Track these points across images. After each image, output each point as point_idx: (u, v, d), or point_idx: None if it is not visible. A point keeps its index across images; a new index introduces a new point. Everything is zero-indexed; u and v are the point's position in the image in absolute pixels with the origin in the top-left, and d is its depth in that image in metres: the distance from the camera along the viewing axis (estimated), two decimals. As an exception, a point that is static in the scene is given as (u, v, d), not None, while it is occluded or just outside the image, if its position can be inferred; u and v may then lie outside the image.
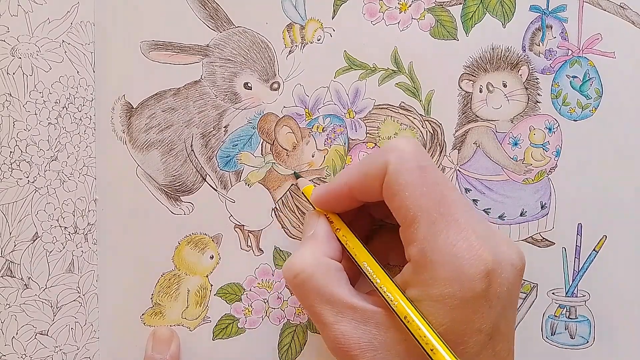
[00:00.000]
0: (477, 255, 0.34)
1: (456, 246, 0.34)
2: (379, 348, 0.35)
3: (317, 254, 0.37)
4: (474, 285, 0.33)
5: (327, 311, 0.36)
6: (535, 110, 0.46)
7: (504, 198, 0.46)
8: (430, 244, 0.34)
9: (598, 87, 0.46)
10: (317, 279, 0.36)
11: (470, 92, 0.45)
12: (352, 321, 0.35)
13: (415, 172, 0.35)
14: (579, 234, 0.46)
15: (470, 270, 0.33)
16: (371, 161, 0.37)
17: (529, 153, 0.46)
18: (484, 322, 0.34)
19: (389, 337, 0.35)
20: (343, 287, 0.36)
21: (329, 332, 0.36)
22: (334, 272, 0.37)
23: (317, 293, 0.36)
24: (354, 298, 0.36)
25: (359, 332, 0.35)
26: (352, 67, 0.45)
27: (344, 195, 0.39)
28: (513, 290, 0.35)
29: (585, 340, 0.46)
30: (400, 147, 0.36)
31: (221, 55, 0.45)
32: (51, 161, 0.43)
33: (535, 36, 0.45)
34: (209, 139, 0.45)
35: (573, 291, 0.46)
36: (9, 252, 0.43)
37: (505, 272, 0.34)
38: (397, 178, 0.35)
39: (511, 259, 0.35)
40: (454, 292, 0.33)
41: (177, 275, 0.45)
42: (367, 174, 0.37)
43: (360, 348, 0.35)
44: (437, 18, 0.45)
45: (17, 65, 0.43)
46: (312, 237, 0.39)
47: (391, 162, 0.35)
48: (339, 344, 0.35)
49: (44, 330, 0.44)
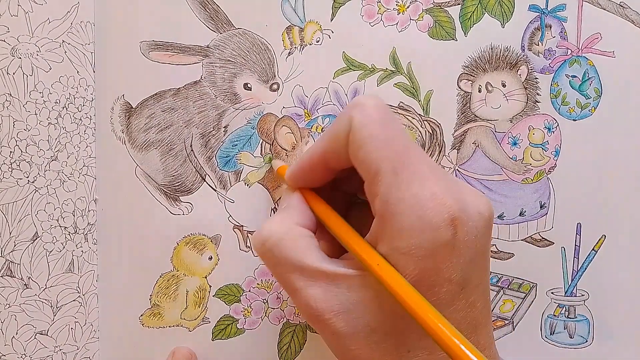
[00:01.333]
0: (441, 203, 0.33)
1: (419, 195, 0.33)
2: (352, 310, 0.34)
3: (286, 222, 0.37)
4: (440, 233, 0.32)
5: (296, 277, 0.35)
6: (534, 110, 0.46)
7: (503, 198, 0.46)
8: (394, 195, 0.33)
9: (597, 86, 0.46)
10: (285, 246, 0.36)
11: (469, 92, 0.45)
12: (323, 285, 0.34)
13: (377, 124, 0.35)
14: (578, 233, 0.46)
15: (435, 218, 0.32)
16: (337, 122, 0.37)
17: (528, 153, 0.46)
18: (453, 270, 0.33)
19: (363, 297, 0.34)
20: (313, 252, 0.36)
21: (299, 298, 0.35)
22: (303, 239, 0.36)
23: (285, 259, 0.35)
24: (324, 263, 0.35)
25: (330, 296, 0.34)
26: (350, 68, 0.45)
27: (315, 165, 0.38)
28: (482, 239, 0.34)
29: (584, 339, 0.46)
30: (363, 102, 0.36)
31: (221, 56, 0.45)
32: (51, 161, 0.43)
33: (535, 36, 0.45)
34: (208, 139, 0.45)
35: (572, 291, 0.46)
36: (9, 252, 0.43)
37: (472, 220, 0.34)
38: (359, 131, 0.35)
39: (478, 207, 0.34)
40: (420, 242, 0.32)
41: (175, 276, 0.45)
42: (333, 134, 0.36)
43: (333, 311, 0.34)
44: (435, 19, 0.45)
45: (17, 65, 0.43)
46: (285, 208, 0.39)
47: (354, 117, 0.35)
48: (310, 309, 0.35)
49: (44, 330, 0.44)
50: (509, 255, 0.46)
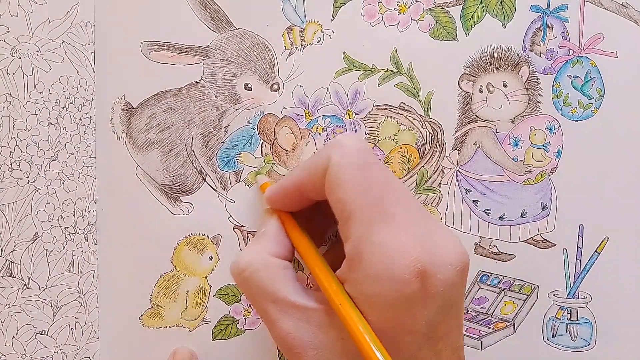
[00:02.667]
0: (409, 255, 0.33)
1: (389, 245, 0.33)
2: (319, 347, 0.35)
3: (263, 252, 0.37)
4: (405, 285, 0.33)
5: (271, 308, 0.36)
6: (536, 111, 0.45)
7: (504, 199, 0.45)
8: (364, 242, 0.34)
9: (600, 87, 0.45)
10: (261, 277, 0.36)
11: (471, 92, 0.45)
12: (294, 319, 0.35)
13: (355, 168, 0.35)
14: (581, 235, 0.45)
15: (401, 270, 0.33)
16: (316, 157, 0.37)
17: (530, 154, 0.45)
18: (417, 322, 0.33)
19: (329, 336, 0.35)
20: (287, 285, 0.36)
21: (274, 330, 0.36)
22: (279, 270, 0.37)
23: (261, 290, 0.36)
24: (297, 296, 0.36)
25: (301, 331, 0.35)
26: (351, 68, 0.45)
27: (293, 192, 0.39)
28: (452, 291, 0.34)
29: (587, 342, 0.46)
30: (343, 142, 0.36)
31: (222, 56, 0.45)
32: (51, 161, 0.43)
33: (536, 36, 0.45)
34: (209, 139, 0.45)
35: (574, 293, 0.46)
36: (9, 252, 0.43)
37: (442, 273, 0.33)
38: (337, 173, 0.35)
39: (449, 259, 0.34)
40: (385, 291, 0.33)
41: (176, 276, 0.45)
42: (311, 169, 0.37)
43: (303, 346, 0.35)
44: (436, 19, 0.45)
45: (17, 65, 0.43)
46: (262, 235, 0.39)
47: (333, 157, 0.35)
48: (283, 341, 0.35)
49: (44, 330, 0.44)
50: (510, 257, 0.46)
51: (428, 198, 0.45)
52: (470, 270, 0.45)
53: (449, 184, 0.46)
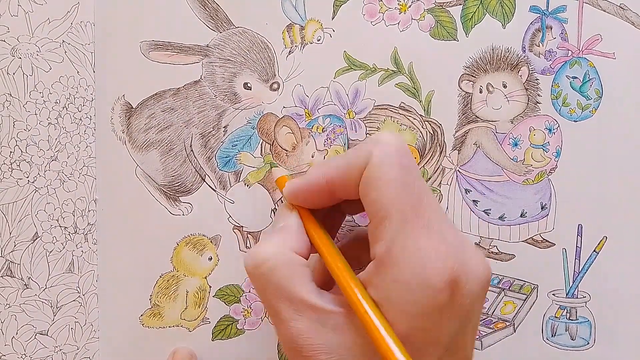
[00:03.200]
0: (444, 263, 0.32)
1: (424, 251, 0.32)
2: (333, 351, 0.33)
3: (283, 247, 0.36)
4: (437, 294, 0.31)
5: (285, 307, 0.34)
6: (535, 111, 0.46)
7: (504, 199, 0.46)
8: (397, 245, 0.32)
9: (598, 87, 0.45)
10: (279, 273, 0.34)
11: (470, 92, 0.45)
12: (309, 321, 0.33)
13: (397, 168, 0.34)
14: (580, 235, 0.46)
15: (435, 277, 0.32)
16: (355, 152, 0.35)
17: (529, 154, 0.46)
18: (442, 333, 0.32)
19: (346, 340, 0.33)
20: (305, 284, 0.34)
21: (284, 330, 0.34)
22: (298, 268, 0.35)
23: (277, 287, 0.34)
24: (314, 297, 0.34)
25: (314, 333, 0.33)
26: (351, 68, 0.45)
27: (320, 190, 0.37)
28: (477, 303, 0.34)
29: (586, 341, 0.46)
30: (386, 141, 0.35)
31: (221, 55, 0.45)
32: (51, 161, 0.43)
33: (535, 37, 0.45)
34: (208, 139, 0.45)
35: (573, 292, 0.46)
36: (9, 252, 0.43)
37: (470, 284, 0.33)
38: (377, 171, 0.34)
39: (478, 271, 0.33)
40: (416, 298, 0.32)
41: (175, 277, 0.45)
42: (348, 165, 0.35)
43: (314, 349, 0.33)
44: (436, 19, 0.45)
45: (17, 65, 0.43)
46: (281, 230, 0.38)
47: (374, 154, 0.34)
48: (292, 342, 0.34)
49: (44, 330, 0.44)
50: (510, 257, 0.46)
51: (428, 198, 0.45)
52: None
53: (449, 184, 0.46)
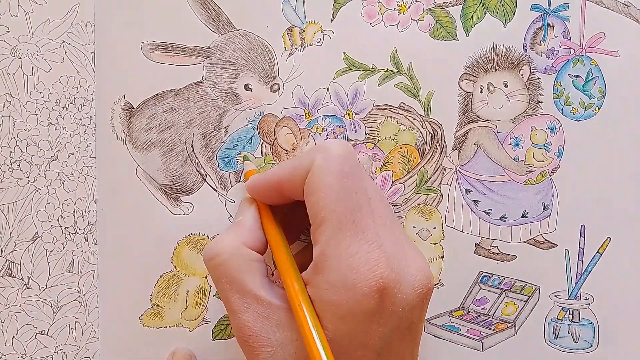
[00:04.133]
0: (373, 270, 0.33)
1: (355, 257, 0.34)
2: (274, 345, 0.35)
3: (236, 242, 0.38)
4: (363, 300, 0.33)
5: (235, 298, 0.36)
6: (537, 111, 0.45)
7: (505, 199, 0.45)
8: (331, 249, 0.34)
9: (601, 86, 0.45)
10: (230, 266, 0.36)
11: (471, 92, 0.45)
12: (256, 313, 0.36)
13: (336, 175, 0.35)
14: (582, 235, 0.45)
15: (362, 283, 0.33)
16: (301, 158, 0.37)
17: (531, 154, 0.45)
18: (371, 337, 0.33)
19: (286, 336, 0.35)
20: (255, 278, 0.36)
21: (234, 320, 0.36)
22: (249, 262, 0.37)
23: (228, 279, 0.36)
24: (262, 291, 0.36)
25: (259, 325, 0.35)
26: (351, 68, 0.45)
27: (273, 188, 0.39)
28: (412, 313, 0.35)
29: (589, 344, 0.45)
30: (329, 148, 0.36)
31: (222, 57, 0.45)
32: (51, 161, 0.44)
33: (537, 35, 0.45)
34: (209, 140, 0.45)
35: (576, 294, 0.45)
36: (9, 252, 0.43)
37: (404, 293, 0.34)
38: (316, 177, 0.35)
39: (412, 281, 0.35)
40: (342, 302, 0.33)
41: (176, 276, 0.45)
42: (294, 169, 0.37)
43: (259, 342, 0.35)
44: (436, 19, 0.45)
45: (17, 65, 0.43)
46: (238, 224, 0.40)
47: (316, 161, 0.36)
48: (241, 332, 0.36)
49: (44, 330, 0.44)
50: (511, 257, 0.45)
51: (428, 198, 0.45)
52: (471, 271, 0.45)
53: (449, 184, 0.45)
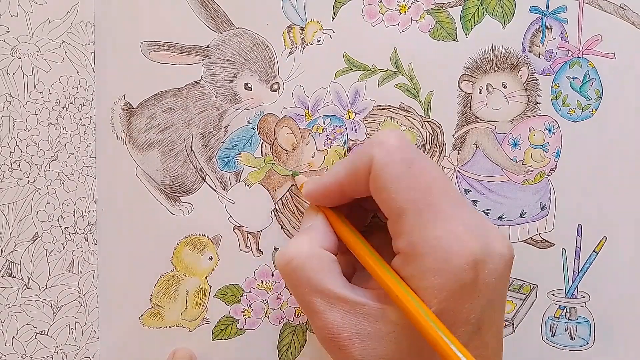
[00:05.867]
0: (464, 246, 0.33)
1: (443, 237, 0.34)
2: (367, 338, 0.35)
3: (311, 244, 0.37)
4: (462, 275, 0.33)
5: (317, 300, 0.36)
6: (535, 111, 0.46)
7: (503, 199, 0.46)
8: (418, 236, 0.34)
9: (598, 88, 0.46)
10: (309, 268, 0.36)
11: (470, 93, 0.45)
12: (342, 311, 0.35)
13: (400, 164, 0.35)
14: (579, 235, 0.46)
15: (458, 260, 0.33)
16: (357, 157, 0.37)
17: (529, 154, 0.46)
18: (472, 312, 0.34)
19: (378, 328, 0.35)
20: (335, 277, 0.36)
21: (318, 322, 0.36)
22: (327, 263, 0.37)
23: (308, 282, 0.36)
24: (344, 289, 0.36)
25: (348, 322, 0.35)
26: (351, 68, 0.45)
27: (334, 191, 0.39)
28: (501, 281, 0.35)
29: (585, 341, 0.46)
30: (384, 140, 0.36)
31: (222, 56, 0.45)
32: (51, 161, 0.43)
33: (535, 37, 0.45)
34: (208, 139, 0.45)
35: (573, 292, 0.46)
36: (9, 252, 0.43)
37: (493, 263, 0.34)
38: (382, 172, 0.35)
39: (500, 250, 0.35)
40: (443, 283, 0.33)
41: (176, 276, 0.45)
42: (353, 169, 0.37)
43: (350, 338, 0.35)
44: (436, 19, 0.45)
45: (17, 65, 0.43)
46: (309, 229, 0.39)
47: (375, 156, 0.35)
48: (328, 333, 0.35)
49: (44, 330, 0.44)
50: (510, 257, 0.46)
51: (428, 198, 0.45)
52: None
53: (448, 184, 0.46)
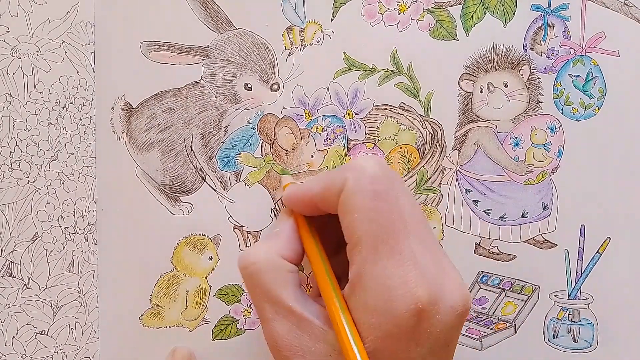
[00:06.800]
0: (410, 292, 0.33)
1: (391, 278, 0.33)
2: (308, 355, 0.35)
3: (271, 252, 0.38)
4: (401, 321, 0.33)
5: (267, 308, 0.36)
6: (536, 110, 0.45)
7: (505, 199, 0.45)
8: (367, 270, 0.34)
9: (602, 86, 0.45)
10: (265, 276, 0.36)
11: (471, 92, 0.45)
12: (289, 324, 0.35)
13: (368, 195, 0.35)
14: (582, 235, 0.45)
15: (400, 305, 0.33)
16: (333, 175, 0.37)
17: (531, 153, 0.45)
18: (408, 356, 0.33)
19: (319, 348, 0.35)
20: (289, 289, 0.36)
21: (266, 328, 0.36)
22: (283, 273, 0.37)
23: (261, 289, 0.36)
24: (296, 303, 0.36)
25: (292, 336, 0.35)
26: (351, 68, 0.45)
27: (308, 202, 0.39)
28: (449, 332, 0.34)
29: (589, 343, 0.45)
30: (361, 167, 0.36)
31: (222, 56, 0.45)
32: (51, 161, 0.44)
33: (537, 35, 0.45)
34: (208, 139, 0.45)
35: (576, 294, 0.45)
36: (9, 252, 0.43)
37: (441, 314, 0.33)
38: (349, 198, 0.35)
39: (452, 301, 0.34)
40: (380, 323, 0.33)
41: (175, 276, 0.45)
42: (327, 187, 0.37)
43: (291, 350, 0.35)
44: (436, 19, 0.45)
45: (17, 65, 0.43)
46: (275, 235, 0.39)
47: (348, 181, 0.35)
48: (272, 340, 0.36)
49: (44, 330, 0.44)
50: (511, 257, 0.45)
51: (428, 198, 0.45)
52: (471, 271, 0.45)
53: (449, 184, 0.45)
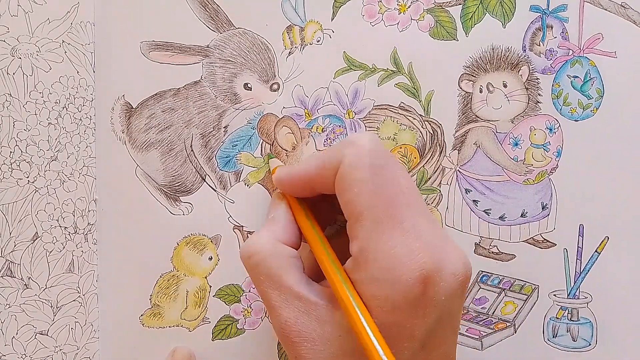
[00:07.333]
0: (415, 261, 0.33)
1: (395, 249, 0.33)
2: (315, 340, 0.35)
3: (272, 239, 0.38)
4: (408, 290, 0.33)
5: (274, 295, 0.36)
6: (535, 111, 0.45)
7: (504, 199, 0.45)
8: (371, 244, 0.34)
9: (599, 87, 0.45)
10: (269, 264, 0.37)
11: (470, 92, 0.45)
12: (296, 310, 0.36)
13: (367, 169, 0.35)
14: (581, 235, 0.45)
15: (406, 275, 0.33)
16: (329, 154, 0.37)
17: (530, 153, 0.45)
18: (416, 328, 0.33)
19: (326, 331, 0.35)
20: (293, 274, 0.36)
21: (274, 315, 0.36)
22: (287, 259, 0.37)
23: (267, 277, 0.36)
24: (301, 287, 0.36)
25: (300, 321, 0.35)
26: (351, 68, 0.45)
27: (303, 183, 0.39)
28: (453, 300, 0.35)
29: (588, 342, 0.46)
30: (358, 142, 0.36)
31: (221, 56, 0.45)
32: (51, 161, 0.44)
33: (536, 36, 0.45)
34: (208, 139, 0.45)
35: (575, 293, 0.46)
36: (9, 252, 0.43)
37: (445, 281, 0.34)
38: (349, 173, 0.35)
39: (454, 268, 0.34)
40: (387, 295, 0.33)
41: (175, 276, 0.45)
42: (323, 165, 0.37)
43: (300, 336, 0.35)
44: (436, 19, 0.45)
45: (17, 65, 0.43)
46: (271, 221, 0.40)
47: (346, 156, 0.35)
48: (281, 328, 0.36)
49: (44, 330, 0.44)
50: (510, 257, 0.45)
51: (428, 198, 0.45)
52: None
53: (449, 184, 0.45)
